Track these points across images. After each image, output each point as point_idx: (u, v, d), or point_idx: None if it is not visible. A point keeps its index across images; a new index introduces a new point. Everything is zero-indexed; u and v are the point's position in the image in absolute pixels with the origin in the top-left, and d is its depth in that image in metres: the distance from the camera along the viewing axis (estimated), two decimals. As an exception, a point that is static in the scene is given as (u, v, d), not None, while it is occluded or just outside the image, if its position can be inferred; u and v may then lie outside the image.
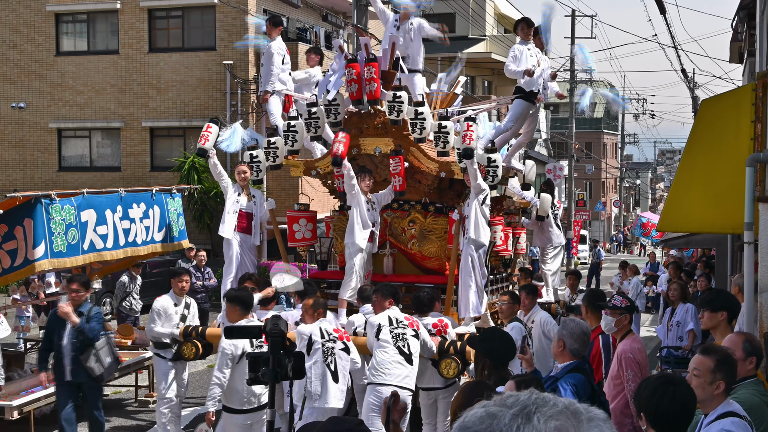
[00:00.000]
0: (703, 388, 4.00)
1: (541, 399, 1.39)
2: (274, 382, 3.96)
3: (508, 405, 1.39)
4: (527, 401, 1.39)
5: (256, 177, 9.86)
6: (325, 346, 7.28)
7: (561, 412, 1.36)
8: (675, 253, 23.78)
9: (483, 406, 1.41)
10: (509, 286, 10.51)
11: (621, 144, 63.39)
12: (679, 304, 10.53)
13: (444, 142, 8.71)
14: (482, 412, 1.40)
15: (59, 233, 8.71)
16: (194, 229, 21.35)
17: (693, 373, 4.06)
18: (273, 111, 10.46)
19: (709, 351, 4.15)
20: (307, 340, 7.26)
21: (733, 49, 16.22)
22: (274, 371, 3.90)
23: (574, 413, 1.37)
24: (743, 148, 5.93)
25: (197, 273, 13.97)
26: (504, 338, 5.16)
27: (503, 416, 1.37)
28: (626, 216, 68.73)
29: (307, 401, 7.26)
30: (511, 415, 1.37)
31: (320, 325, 7.36)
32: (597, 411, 1.40)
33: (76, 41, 24.53)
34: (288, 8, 23.92)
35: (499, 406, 1.40)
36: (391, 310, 7.59)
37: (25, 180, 23.87)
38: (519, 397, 1.41)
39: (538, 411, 1.36)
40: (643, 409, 3.72)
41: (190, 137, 23.36)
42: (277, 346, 3.91)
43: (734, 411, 3.98)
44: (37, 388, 9.40)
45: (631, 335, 6.18)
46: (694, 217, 6.62)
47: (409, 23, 9.66)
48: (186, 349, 8.55)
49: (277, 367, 3.90)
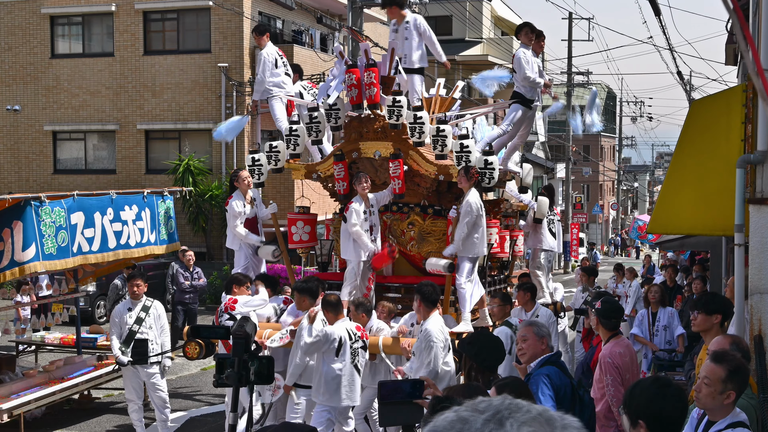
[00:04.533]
0: (713, 397, 3.92)
1: (514, 405, 1.36)
2: (237, 385, 3.86)
3: (480, 410, 1.36)
4: (500, 406, 1.35)
5: (258, 180, 9.95)
6: (352, 347, 7.52)
7: (534, 418, 1.33)
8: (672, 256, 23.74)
9: (454, 411, 1.38)
10: (507, 288, 10.55)
11: (618, 147, 63.45)
12: (659, 308, 10.49)
13: (442, 145, 8.84)
14: (453, 417, 1.37)
15: (49, 236, 8.68)
16: (189, 232, 21.33)
17: (703, 381, 3.96)
18: (278, 116, 10.43)
19: (721, 359, 4.02)
20: (338, 342, 7.44)
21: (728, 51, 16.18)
22: (239, 374, 3.81)
23: (548, 420, 1.33)
24: (734, 150, 5.90)
25: (186, 273, 13.92)
26: (491, 342, 5.11)
27: (475, 421, 1.34)
28: (624, 219, 68.75)
29: (326, 399, 7.45)
30: (483, 420, 1.33)
31: (346, 326, 7.57)
32: (571, 419, 1.36)
33: (71, 44, 24.51)
34: (283, 11, 23.91)
35: (470, 411, 1.36)
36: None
37: (20, 183, 23.83)
38: (491, 402, 1.37)
39: (511, 417, 1.33)
40: (641, 415, 3.56)
41: (185, 140, 23.35)
42: (240, 348, 3.82)
43: (743, 422, 3.93)
44: (27, 391, 9.38)
45: (616, 339, 6.09)
46: (684, 219, 6.58)
47: (405, 22, 9.64)
48: (190, 349, 8.61)
49: (241, 370, 3.81)
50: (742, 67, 11.64)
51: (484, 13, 37.77)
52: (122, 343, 9.11)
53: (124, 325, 9.14)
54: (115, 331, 9.18)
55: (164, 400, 9.32)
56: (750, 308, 5.52)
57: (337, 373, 7.45)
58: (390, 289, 9.33)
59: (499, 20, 41.28)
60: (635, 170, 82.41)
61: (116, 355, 9.15)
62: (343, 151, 9.40)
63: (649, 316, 10.54)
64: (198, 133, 23.15)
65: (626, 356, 5.92)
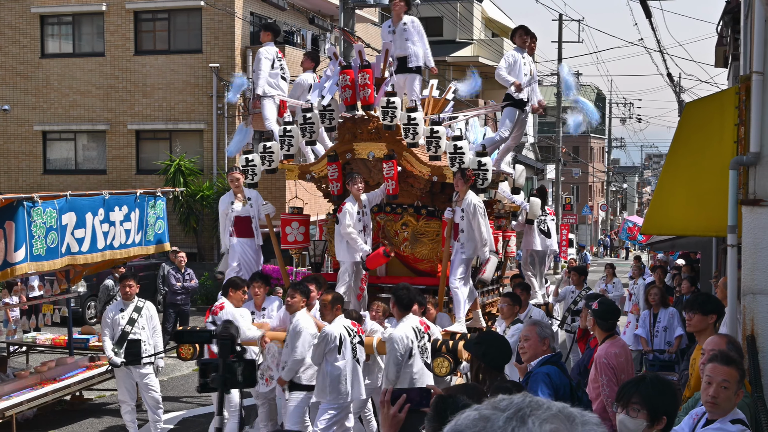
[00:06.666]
0: (730, 399, 3.98)
1: (535, 402, 1.38)
2: (222, 389, 3.79)
3: (501, 408, 1.38)
4: (521, 404, 1.38)
5: (252, 181, 9.94)
6: (352, 343, 7.60)
7: (555, 415, 1.35)
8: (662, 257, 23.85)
9: (476, 409, 1.40)
10: (500, 289, 10.59)
11: (608, 148, 63.64)
12: (660, 309, 10.53)
13: (436, 146, 8.86)
14: (475, 415, 1.39)
15: (39, 237, 8.64)
16: (180, 233, 21.27)
17: (722, 385, 3.98)
18: (268, 116, 10.48)
19: (730, 361, 4.07)
20: (338, 340, 7.49)
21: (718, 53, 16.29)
22: (223, 377, 3.74)
23: (568, 417, 1.36)
24: (727, 151, 5.93)
25: (177, 274, 13.89)
26: (499, 342, 5.12)
27: (497, 419, 1.36)
28: (613, 220, 68.97)
29: (333, 398, 7.48)
30: (505, 418, 1.36)
31: (344, 324, 7.62)
32: (591, 415, 1.39)
33: (61, 43, 24.40)
34: (275, 11, 23.88)
35: (492, 409, 1.39)
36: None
37: (10, 183, 23.71)
38: (513, 400, 1.40)
39: (533, 414, 1.35)
40: (648, 407, 3.65)
41: (176, 140, 23.29)
42: (226, 351, 3.76)
43: (742, 419, 3.97)
44: (19, 393, 9.33)
45: (612, 339, 6.12)
46: (678, 220, 6.62)
47: (403, 23, 9.64)
48: (184, 350, 8.61)
49: (226, 373, 3.74)
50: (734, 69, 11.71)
51: (474, 14, 37.83)
52: (115, 344, 9.09)
53: (116, 326, 9.12)
54: (108, 332, 9.16)
55: (157, 400, 9.31)
56: (743, 308, 5.56)
57: (340, 370, 7.49)
58: (383, 289, 9.35)
59: (489, 21, 41.35)
60: (624, 171, 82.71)
61: (109, 356, 9.13)
62: (337, 152, 9.42)
63: (650, 317, 10.59)
64: (189, 134, 23.10)
65: (621, 357, 5.95)
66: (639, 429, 3.67)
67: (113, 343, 9.08)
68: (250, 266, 9.85)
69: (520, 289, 9.32)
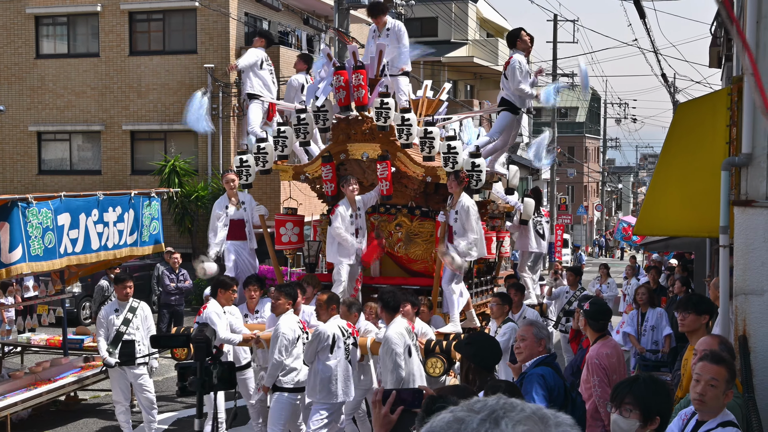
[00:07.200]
0: (718, 398, 3.98)
1: (509, 404, 1.39)
2: (201, 391, 3.78)
3: (475, 410, 1.39)
4: (495, 406, 1.39)
5: (246, 181, 9.96)
6: (346, 344, 7.61)
7: (528, 417, 1.36)
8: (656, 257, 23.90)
9: (450, 411, 1.41)
10: (493, 289, 10.62)
11: (603, 148, 63.71)
12: (648, 309, 10.56)
13: (430, 147, 8.90)
14: (449, 417, 1.40)
15: (36, 237, 8.63)
16: (175, 233, 21.26)
17: (710, 383, 3.99)
18: (251, 118, 10.53)
19: (720, 360, 4.07)
20: (331, 339, 7.50)
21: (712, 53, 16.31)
22: (201, 380, 3.73)
23: (541, 418, 1.37)
24: (719, 152, 5.95)
25: (171, 275, 13.87)
26: (488, 342, 5.13)
27: (471, 421, 1.37)
28: (608, 220, 69.05)
29: (323, 396, 7.49)
30: (479, 420, 1.37)
31: (338, 324, 7.63)
32: (564, 416, 1.40)
33: (56, 44, 24.36)
34: (269, 11, 23.88)
35: (466, 411, 1.40)
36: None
37: (5, 183, 23.67)
38: (487, 402, 1.41)
39: (506, 416, 1.36)
40: (641, 407, 3.66)
41: (171, 140, 23.27)
42: (202, 353, 3.75)
43: (732, 421, 3.98)
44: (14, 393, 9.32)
45: (603, 340, 6.13)
46: (670, 221, 6.63)
47: (387, 29, 9.69)
48: (179, 350, 8.63)
49: (204, 375, 3.72)
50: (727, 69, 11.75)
51: (469, 14, 37.87)
52: (109, 344, 9.09)
53: (111, 327, 9.12)
54: (102, 333, 9.16)
55: (151, 401, 9.31)
56: (735, 309, 5.58)
57: (331, 370, 7.50)
58: (377, 290, 9.36)
59: (484, 22, 41.38)
60: (619, 171, 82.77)
61: (104, 356, 9.13)
62: (331, 152, 9.44)
63: (638, 316, 10.62)
64: (184, 134, 23.04)
65: (613, 357, 5.97)
66: (632, 429, 3.69)
67: (108, 343, 9.08)
68: (245, 269, 9.85)
69: (514, 289, 9.33)
